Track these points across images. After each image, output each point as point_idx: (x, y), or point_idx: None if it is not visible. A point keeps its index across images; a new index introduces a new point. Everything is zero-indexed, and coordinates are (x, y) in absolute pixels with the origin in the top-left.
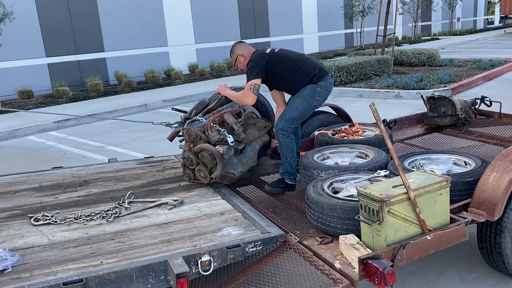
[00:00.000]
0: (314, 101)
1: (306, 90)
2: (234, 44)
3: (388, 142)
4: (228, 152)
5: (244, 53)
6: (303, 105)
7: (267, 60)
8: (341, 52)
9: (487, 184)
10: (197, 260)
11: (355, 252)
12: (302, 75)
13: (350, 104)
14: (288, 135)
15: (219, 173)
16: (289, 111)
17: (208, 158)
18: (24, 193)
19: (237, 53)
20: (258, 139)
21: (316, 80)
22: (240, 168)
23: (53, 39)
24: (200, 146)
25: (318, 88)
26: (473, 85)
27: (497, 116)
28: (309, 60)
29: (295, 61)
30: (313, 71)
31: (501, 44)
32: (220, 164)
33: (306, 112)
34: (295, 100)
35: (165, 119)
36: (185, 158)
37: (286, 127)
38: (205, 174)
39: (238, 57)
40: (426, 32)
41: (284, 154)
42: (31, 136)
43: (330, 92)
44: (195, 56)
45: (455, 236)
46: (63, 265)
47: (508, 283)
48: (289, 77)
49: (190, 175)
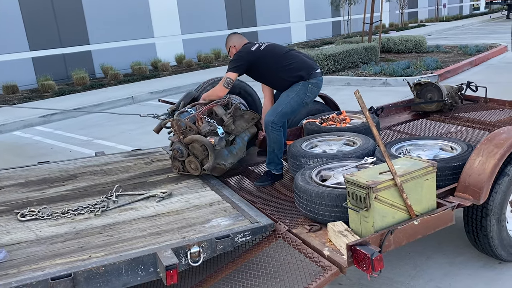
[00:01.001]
0: (306, 98)
1: (298, 86)
2: (229, 35)
3: (373, 129)
4: (220, 142)
5: (236, 45)
6: (296, 100)
7: (251, 58)
8: (329, 40)
9: (473, 168)
10: (187, 252)
11: (343, 239)
12: (291, 73)
13: (338, 92)
14: (278, 129)
15: (211, 164)
16: (281, 104)
17: (199, 149)
18: (10, 188)
19: (230, 44)
20: (246, 131)
21: (306, 78)
22: (230, 160)
23: (36, 33)
24: (191, 137)
25: (310, 85)
26: (459, 71)
27: (483, 101)
28: (298, 57)
29: (284, 58)
30: (302, 69)
31: (486, 30)
32: (212, 155)
33: (298, 108)
34: (288, 94)
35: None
36: (175, 150)
37: (277, 120)
38: (195, 166)
39: (230, 48)
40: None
41: (271, 146)
42: (16, 131)
43: (320, 89)
44: (182, 47)
45: (442, 220)
46: (51, 260)
47: (494, 265)
48: (277, 74)
49: (179, 167)
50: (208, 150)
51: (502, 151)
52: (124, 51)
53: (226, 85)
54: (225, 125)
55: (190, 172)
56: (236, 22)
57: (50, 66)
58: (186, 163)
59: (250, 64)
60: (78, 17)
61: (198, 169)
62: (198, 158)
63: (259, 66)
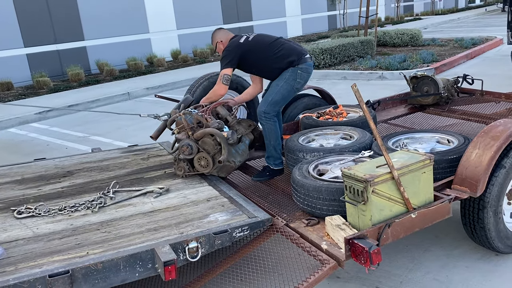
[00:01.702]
0: (296, 84)
1: (287, 73)
2: (214, 31)
3: (370, 122)
4: (233, 136)
5: (222, 40)
6: (286, 88)
7: (241, 51)
8: (325, 34)
9: (470, 161)
10: (185, 247)
11: (341, 233)
12: (280, 60)
13: (335, 86)
14: (270, 118)
15: (226, 156)
16: (271, 94)
17: (211, 143)
18: (6, 186)
19: (216, 40)
20: (245, 136)
21: (295, 63)
22: (238, 158)
23: (30, 29)
24: (203, 131)
25: (299, 71)
26: (455, 64)
27: (479, 93)
28: (286, 44)
29: (272, 46)
30: (291, 56)
31: (482, 23)
32: (226, 148)
33: (289, 95)
34: (277, 83)
35: (148, 107)
36: (184, 146)
37: (269, 110)
38: (206, 162)
39: (217, 44)
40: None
41: (267, 137)
42: (12, 128)
43: (310, 75)
44: (178, 42)
45: (439, 213)
46: (49, 257)
47: (491, 257)
48: (267, 63)
49: (185, 168)
50: (222, 143)
51: (499, 144)
52: (119, 46)
53: (225, 82)
54: (230, 125)
55: (199, 171)
56: (232, 16)
57: (45, 63)
58: (195, 160)
59: (241, 56)
60: (72, 13)
61: (210, 165)
62: (209, 153)
63: (249, 57)
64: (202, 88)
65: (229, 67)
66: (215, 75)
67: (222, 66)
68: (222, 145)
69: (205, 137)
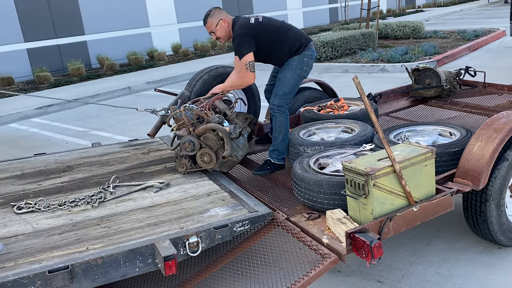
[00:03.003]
0: (302, 72)
1: (294, 62)
2: (211, 11)
3: (371, 115)
4: (235, 130)
5: (224, 18)
6: (294, 78)
7: (256, 31)
8: (326, 27)
9: (472, 153)
10: (185, 242)
11: (342, 227)
12: (288, 45)
13: (336, 79)
14: (284, 111)
15: (229, 151)
16: (281, 86)
17: (213, 139)
18: (6, 181)
19: (219, 17)
20: (244, 129)
21: (302, 50)
22: (240, 152)
23: (31, 23)
24: (205, 127)
25: (305, 58)
26: (457, 56)
27: (481, 86)
28: (291, 28)
29: (279, 30)
30: (298, 40)
31: (485, 14)
32: (229, 143)
33: (297, 84)
34: (285, 75)
35: (149, 101)
36: (186, 143)
37: (282, 102)
38: (209, 158)
39: (220, 22)
40: (410, 5)
41: (278, 130)
42: (13, 123)
43: (313, 60)
44: (178, 36)
45: (441, 206)
46: (48, 252)
47: (493, 250)
48: (276, 47)
49: (187, 164)
50: (224, 138)
51: (502, 136)
52: (120, 41)
53: (251, 69)
54: (229, 119)
55: (202, 167)
56: (233, 9)
57: (46, 57)
58: (197, 156)
59: (255, 38)
60: (72, 7)
61: (213, 161)
62: (212, 149)
63: (261, 39)
64: (202, 81)
65: (250, 51)
66: (215, 68)
67: (242, 52)
68: (225, 140)
69: (207, 133)
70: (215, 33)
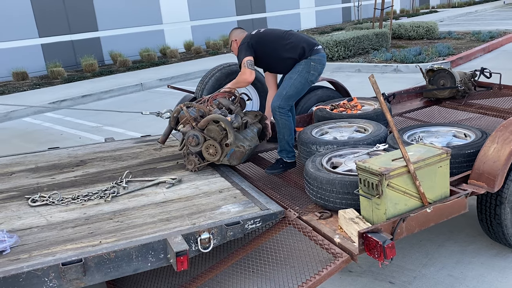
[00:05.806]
0: (310, 76)
1: (300, 66)
2: (231, 31)
3: (387, 115)
4: (237, 119)
5: (237, 39)
6: (299, 81)
7: (254, 41)
8: (339, 26)
9: (487, 155)
10: (197, 238)
11: (354, 226)
12: (291, 49)
13: (349, 79)
14: (285, 113)
15: (233, 139)
16: (285, 88)
17: (216, 129)
18: (20, 174)
19: (232, 38)
20: (253, 125)
21: (307, 55)
22: (247, 142)
23: (45, 19)
24: (207, 118)
25: (312, 62)
26: (472, 58)
27: (497, 87)
28: (296, 35)
29: (282, 38)
30: (301, 46)
31: (500, 16)
32: (232, 131)
33: (303, 87)
34: (290, 76)
35: (161, 98)
36: (190, 137)
37: (283, 104)
38: (214, 150)
39: (232, 42)
40: (424, 5)
41: (281, 132)
42: (27, 117)
43: (324, 66)
44: (191, 34)
45: (455, 208)
46: (62, 245)
47: (507, 254)
48: (279, 55)
49: (195, 161)
50: (227, 127)
51: None
52: (132, 37)
53: (250, 67)
54: (233, 113)
55: (209, 160)
56: (245, 8)
57: (59, 53)
58: (203, 150)
59: (254, 46)
60: (87, 4)
61: (218, 152)
62: (216, 140)
63: (262, 48)
64: (215, 79)
65: (248, 55)
66: (227, 66)
67: (241, 57)
68: (227, 129)
69: (210, 125)
70: (232, 51)
